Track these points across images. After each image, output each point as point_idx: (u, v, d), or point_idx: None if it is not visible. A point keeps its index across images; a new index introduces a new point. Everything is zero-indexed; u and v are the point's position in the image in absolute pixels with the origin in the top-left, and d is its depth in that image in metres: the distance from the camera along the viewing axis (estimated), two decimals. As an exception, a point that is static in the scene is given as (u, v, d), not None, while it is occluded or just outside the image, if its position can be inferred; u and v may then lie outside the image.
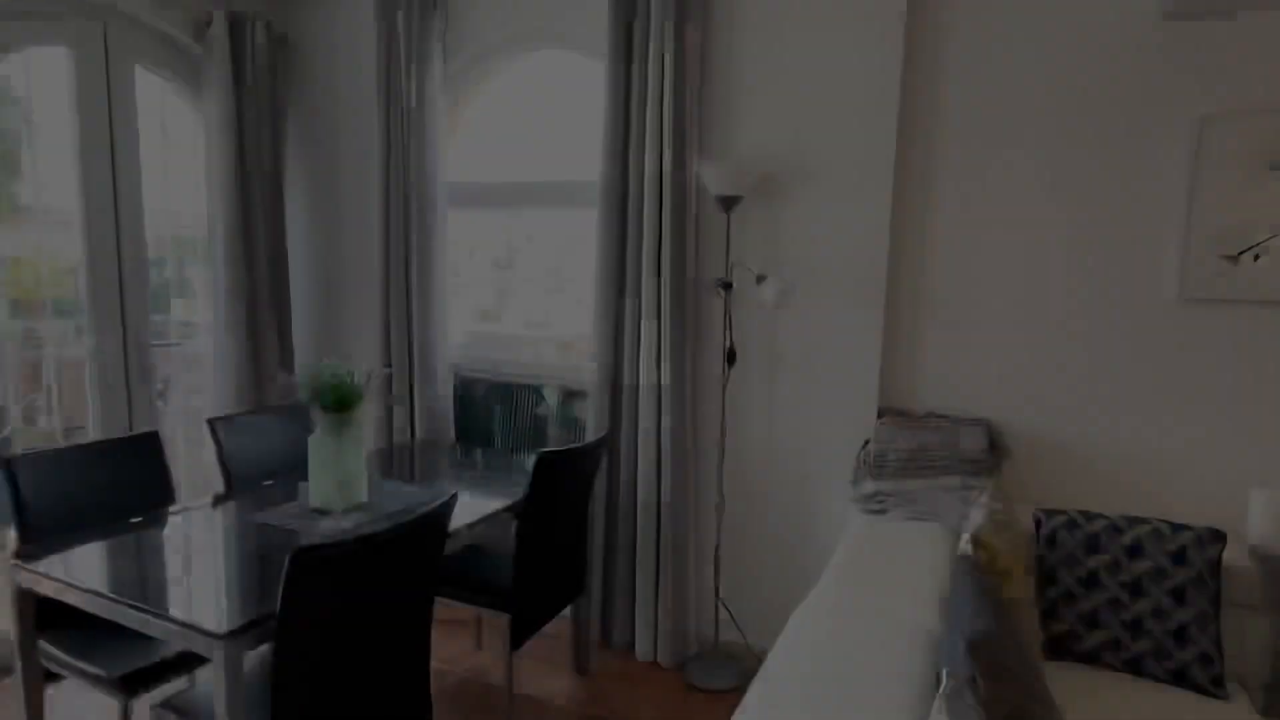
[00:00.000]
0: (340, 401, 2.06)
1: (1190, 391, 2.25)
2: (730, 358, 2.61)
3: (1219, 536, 1.86)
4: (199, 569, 1.77)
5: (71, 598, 1.70)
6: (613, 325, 2.74)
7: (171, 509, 2.20)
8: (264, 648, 1.55)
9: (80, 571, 1.75)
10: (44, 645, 1.92)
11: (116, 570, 1.76)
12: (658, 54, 2.53)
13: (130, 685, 1.82)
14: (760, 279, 2.48)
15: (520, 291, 3.39)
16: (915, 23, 2.42)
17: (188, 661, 1.93)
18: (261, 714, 1.55)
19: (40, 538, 2.01)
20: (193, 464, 3.40)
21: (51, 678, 1.93)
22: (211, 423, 2.49)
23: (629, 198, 2.66)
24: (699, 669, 2.68)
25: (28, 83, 2.69)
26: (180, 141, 3.18)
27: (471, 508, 2.20)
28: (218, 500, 2.25)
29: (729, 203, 2.49)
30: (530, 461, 2.78)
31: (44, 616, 1.92)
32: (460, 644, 2.90)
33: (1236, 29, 2.12)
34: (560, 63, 2.99)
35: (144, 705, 2.36)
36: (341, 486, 2.07)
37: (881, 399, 2.54)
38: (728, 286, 2.59)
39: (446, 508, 1.71)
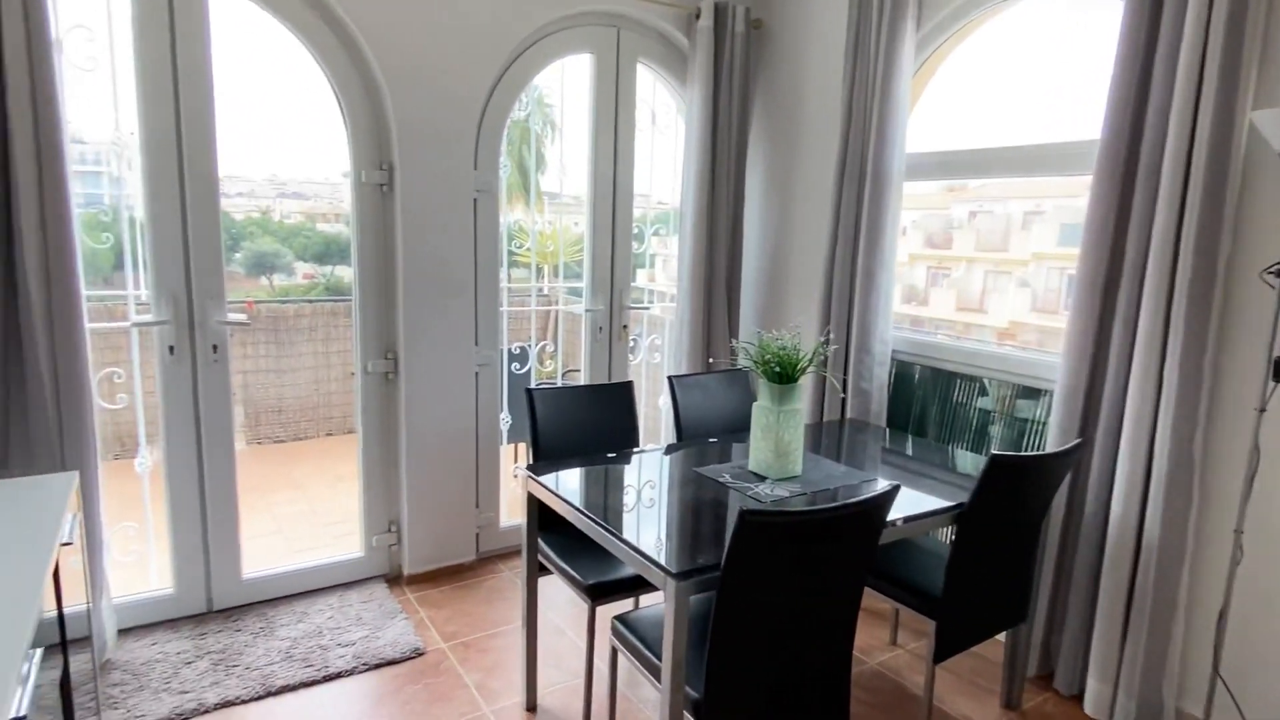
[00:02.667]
0: (784, 372, 2.09)
1: None
2: (1277, 371, 1.97)
3: None
4: (651, 506, 1.98)
5: (558, 507, 2.05)
6: (1096, 314, 2.29)
7: (635, 450, 2.52)
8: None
9: (565, 488, 2.10)
10: (541, 544, 2.37)
11: (590, 493, 2.07)
12: (1206, -24, 1.99)
13: (596, 593, 2.14)
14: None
15: (954, 272, 3.08)
16: None
17: (641, 584, 2.20)
18: (698, 652, 1.67)
19: (545, 456, 2.49)
20: (647, 411, 3.89)
21: (544, 570, 2.38)
22: (671, 379, 2.78)
23: (1139, 160, 2.17)
24: (1174, 753, 2.15)
25: (561, 89, 3.28)
26: (664, 128, 3.59)
27: (907, 501, 2.06)
28: (670, 449, 2.51)
29: (1301, 162, 1.85)
30: (968, 460, 2.51)
31: (545, 519, 2.37)
32: (874, 635, 2.80)
33: None
34: (1044, 13, 2.56)
35: (605, 613, 2.79)
36: (778, 455, 2.12)
37: None
38: (1282, 275, 1.95)
39: (888, 498, 1.62)
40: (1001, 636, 2.63)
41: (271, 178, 7.33)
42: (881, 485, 2.16)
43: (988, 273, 3.21)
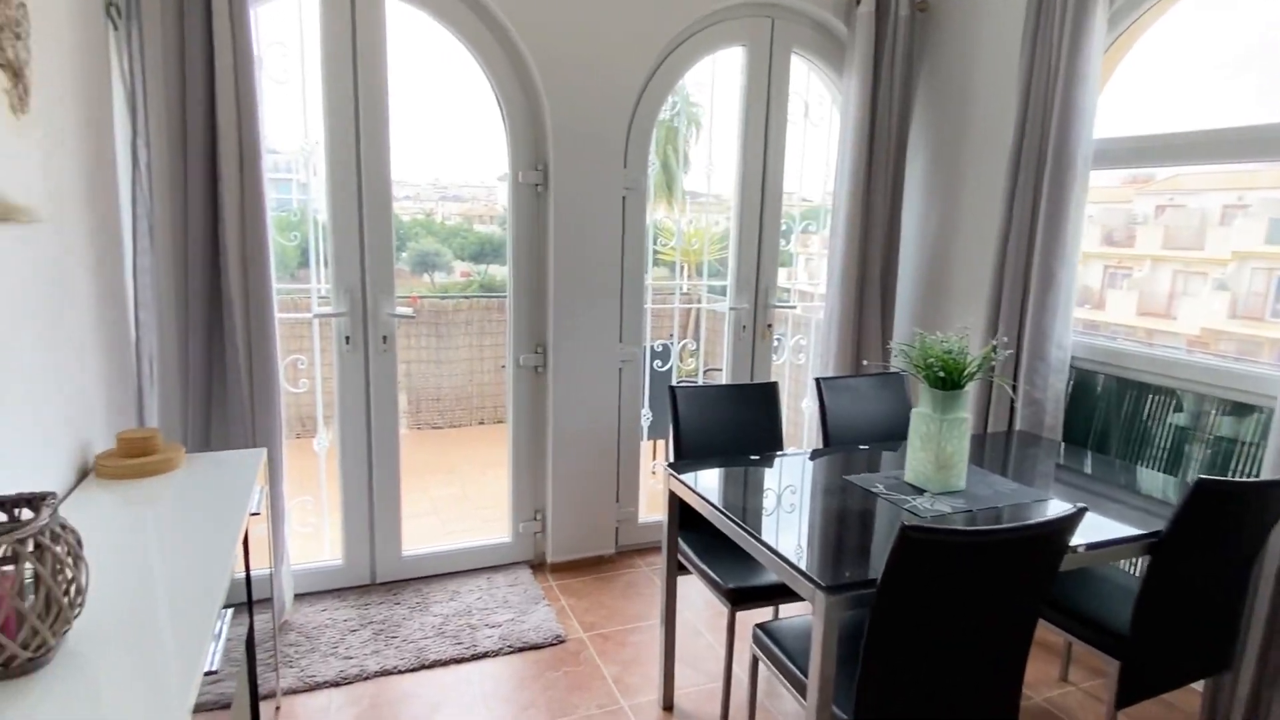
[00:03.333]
0: (949, 378, 1.94)
1: None
2: None
3: None
4: (793, 511, 1.90)
5: (698, 505, 2.02)
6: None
7: (779, 453, 2.44)
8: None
9: (706, 487, 2.06)
10: (681, 543, 2.35)
11: (732, 494, 2.02)
12: None
13: (737, 597, 2.09)
14: None
15: (1136, 272, 2.74)
16: None
17: (783, 591, 2.12)
18: (847, 670, 1.58)
19: (687, 455, 2.46)
20: (790, 414, 3.77)
21: (682, 569, 2.36)
22: (819, 381, 2.67)
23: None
24: None
25: (711, 83, 3.23)
26: (817, 120, 3.47)
27: (1089, 526, 1.85)
28: (815, 454, 2.40)
29: None
30: (1159, 482, 2.23)
31: (685, 519, 2.35)
32: (1042, 669, 2.56)
33: None
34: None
35: (744, 618, 2.72)
36: (939, 467, 1.97)
37: None
38: None
39: (1072, 521, 1.45)
40: (1199, 685, 2.31)
41: (434, 181, 7.84)
42: (1057, 506, 1.96)
43: (1177, 273, 2.85)
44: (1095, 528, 1.84)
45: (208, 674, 1.09)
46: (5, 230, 1.47)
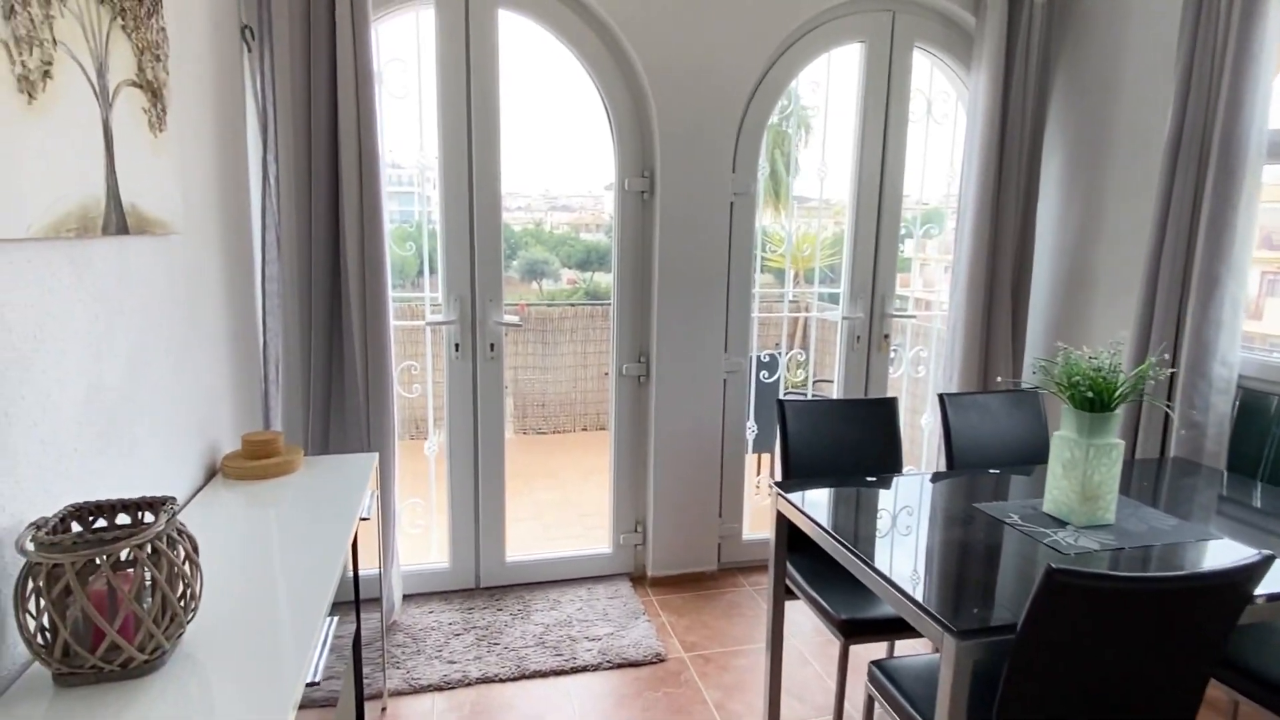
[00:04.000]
0: (1098, 399, 1.74)
1: None
2: None
3: None
4: (915, 540, 1.74)
5: (811, 532, 1.89)
6: None
7: (897, 474, 2.28)
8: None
9: (818, 510, 1.93)
10: (789, 566, 2.22)
11: (846, 518, 1.88)
12: None
13: (850, 630, 1.95)
14: None
15: None
16: None
17: (901, 625, 1.96)
18: (977, 715, 1.42)
19: (796, 473, 2.34)
20: (909, 430, 3.55)
21: (790, 594, 2.24)
22: (943, 398, 2.48)
23: None
24: None
25: (826, 82, 3.09)
26: (941, 118, 3.25)
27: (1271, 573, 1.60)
28: (937, 477, 2.22)
29: None
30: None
31: (795, 539, 2.22)
32: (1199, 728, 2.26)
33: None
34: None
35: (857, 650, 2.56)
36: (1085, 498, 1.77)
37: None
38: None
39: (1257, 571, 1.24)
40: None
41: (545, 192, 8.02)
42: (1228, 548, 1.71)
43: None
44: (1275, 574, 1.59)
45: (310, 684, 1.09)
46: (142, 242, 1.55)
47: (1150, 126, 2.68)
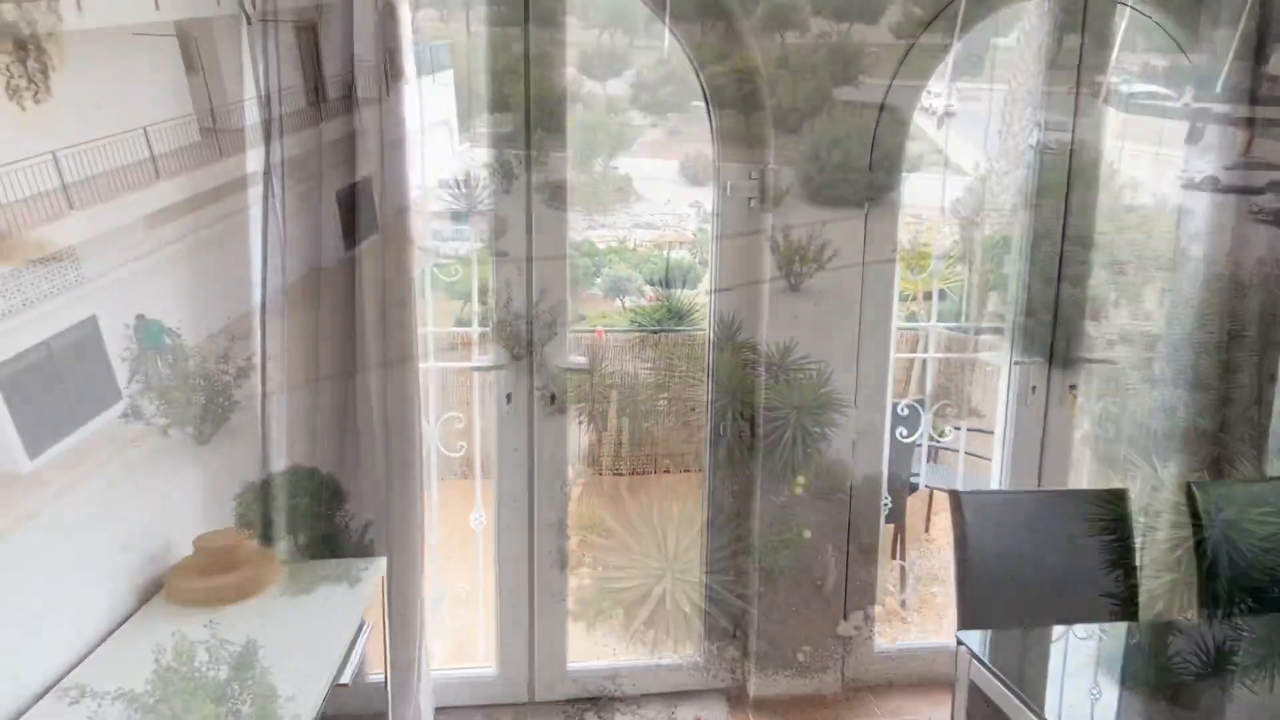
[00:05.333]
0: None
1: None
2: None
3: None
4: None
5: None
6: None
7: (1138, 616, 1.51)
8: None
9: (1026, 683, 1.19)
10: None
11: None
12: None
13: None
14: None
15: None
16: None
17: None
18: None
19: (978, 602, 1.60)
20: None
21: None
22: (1191, 487, 1.69)
23: None
24: None
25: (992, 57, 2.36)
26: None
27: None
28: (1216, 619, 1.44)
29: None
30: None
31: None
32: None
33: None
34: None
35: None
36: None
37: None
38: None
39: None
40: None
41: (628, 210, 7.48)
42: None
43: None
44: None
45: None
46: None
47: None
